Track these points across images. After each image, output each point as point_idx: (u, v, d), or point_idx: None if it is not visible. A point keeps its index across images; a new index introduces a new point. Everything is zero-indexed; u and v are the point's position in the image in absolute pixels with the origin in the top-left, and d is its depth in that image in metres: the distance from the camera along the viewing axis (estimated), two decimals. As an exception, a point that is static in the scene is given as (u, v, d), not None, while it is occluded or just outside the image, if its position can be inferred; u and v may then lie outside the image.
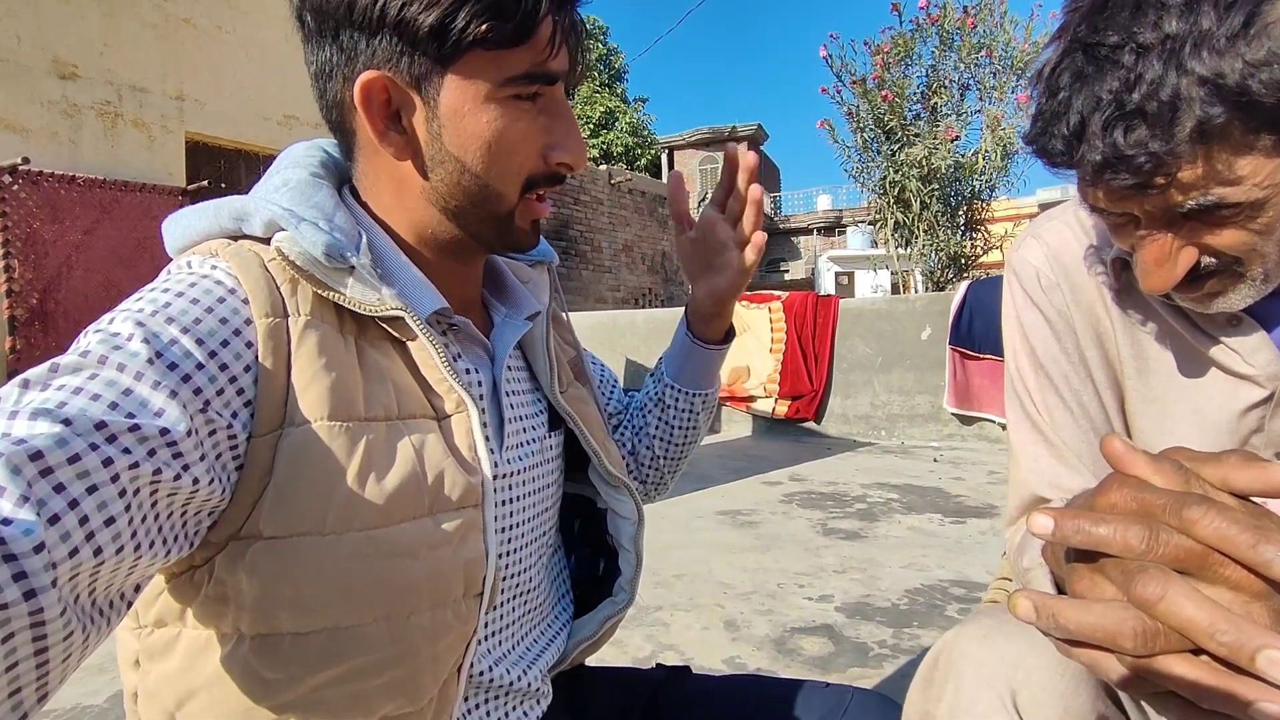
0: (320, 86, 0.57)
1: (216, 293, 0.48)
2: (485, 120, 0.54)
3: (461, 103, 0.53)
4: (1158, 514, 0.36)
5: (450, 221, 0.59)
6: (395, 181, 0.58)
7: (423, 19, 0.50)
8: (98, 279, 5.30)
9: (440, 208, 0.58)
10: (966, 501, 3.56)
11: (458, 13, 0.50)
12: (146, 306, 0.46)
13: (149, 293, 0.48)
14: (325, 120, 0.59)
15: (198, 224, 0.55)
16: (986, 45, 7.03)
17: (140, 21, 5.60)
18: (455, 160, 0.55)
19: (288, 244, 0.51)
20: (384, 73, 0.52)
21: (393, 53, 0.52)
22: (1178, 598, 0.34)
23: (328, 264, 0.51)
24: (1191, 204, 0.52)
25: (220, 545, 0.47)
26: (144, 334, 0.43)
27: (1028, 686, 0.55)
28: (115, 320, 0.45)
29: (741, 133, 27.03)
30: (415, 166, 0.56)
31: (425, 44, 0.51)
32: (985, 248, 7.60)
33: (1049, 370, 0.73)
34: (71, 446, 0.36)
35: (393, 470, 0.51)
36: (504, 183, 0.57)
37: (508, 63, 0.53)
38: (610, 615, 0.73)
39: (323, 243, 0.51)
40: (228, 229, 0.54)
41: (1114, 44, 0.50)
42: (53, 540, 0.34)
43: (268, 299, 0.49)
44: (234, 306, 0.48)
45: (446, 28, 0.50)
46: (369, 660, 0.50)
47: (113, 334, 0.43)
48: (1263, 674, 0.31)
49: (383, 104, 0.54)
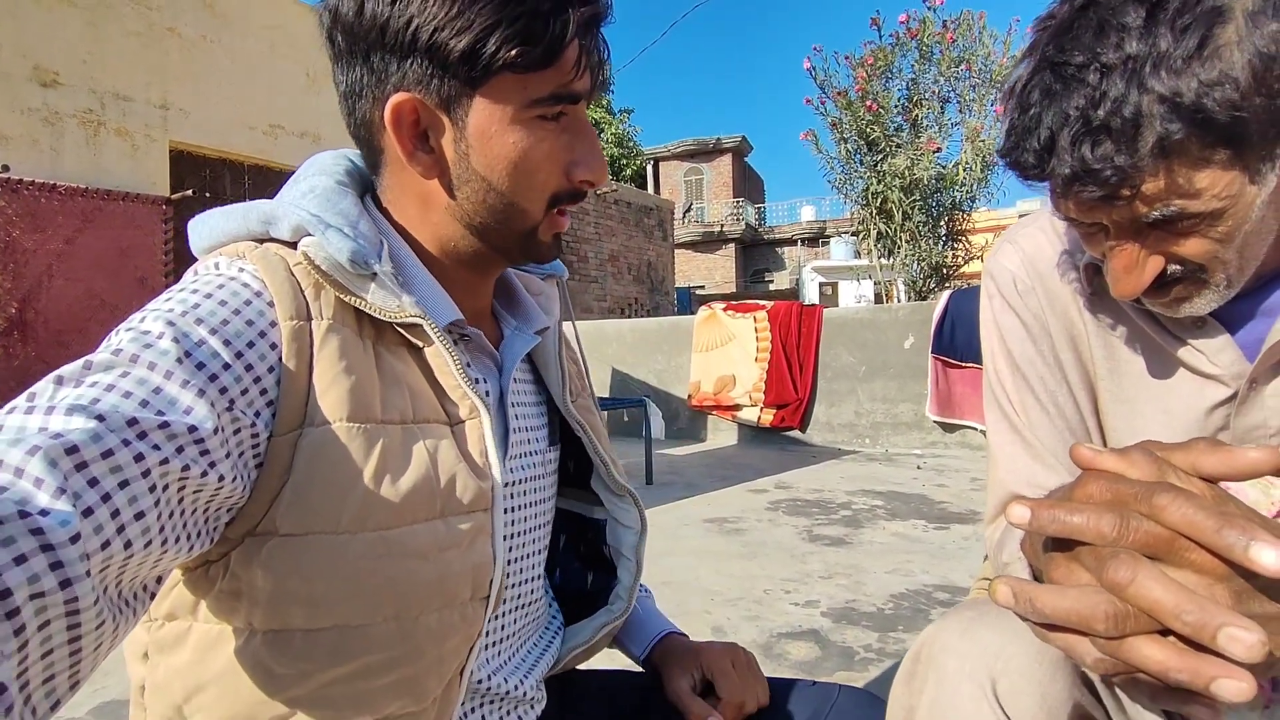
0: (349, 105, 0.58)
1: (244, 295, 0.49)
2: (511, 141, 0.55)
3: (489, 124, 0.54)
4: (1129, 502, 0.39)
5: (474, 236, 0.60)
6: (421, 198, 0.59)
7: (454, 44, 0.51)
8: (79, 288, 5.24)
9: (465, 224, 0.59)
10: (950, 508, 3.60)
11: (489, 38, 0.51)
12: (176, 306, 0.47)
13: (178, 293, 0.49)
14: (353, 137, 0.61)
15: (226, 225, 0.56)
16: (965, 59, 7.16)
17: (124, 30, 5.57)
18: (482, 179, 0.56)
19: (314, 249, 0.52)
20: (414, 94, 0.53)
21: (423, 75, 0.53)
22: (1146, 581, 0.36)
23: (351, 270, 0.53)
24: (1155, 214, 0.55)
25: (237, 541, 0.49)
26: (174, 333, 0.45)
27: (1006, 675, 0.57)
28: (146, 319, 0.46)
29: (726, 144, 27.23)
30: (442, 185, 0.57)
31: (456, 68, 0.52)
32: (966, 258, 7.70)
33: (1025, 372, 0.75)
34: (105, 442, 0.37)
35: (407, 473, 0.52)
36: (529, 200, 0.58)
37: (534, 85, 0.54)
38: (606, 623, 0.74)
39: (349, 249, 0.52)
40: (255, 232, 0.55)
41: (1080, 63, 0.53)
42: (87, 532, 0.35)
43: (292, 302, 0.51)
44: (260, 309, 0.49)
45: (477, 52, 0.51)
46: (377, 659, 0.51)
47: (144, 332, 0.44)
48: (1223, 650, 0.33)
49: (412, 124, 0.55)
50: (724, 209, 27.16)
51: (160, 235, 5.65)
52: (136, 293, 5.51)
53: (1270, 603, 0.36)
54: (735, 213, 26.96)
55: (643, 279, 13.16)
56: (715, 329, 6.14)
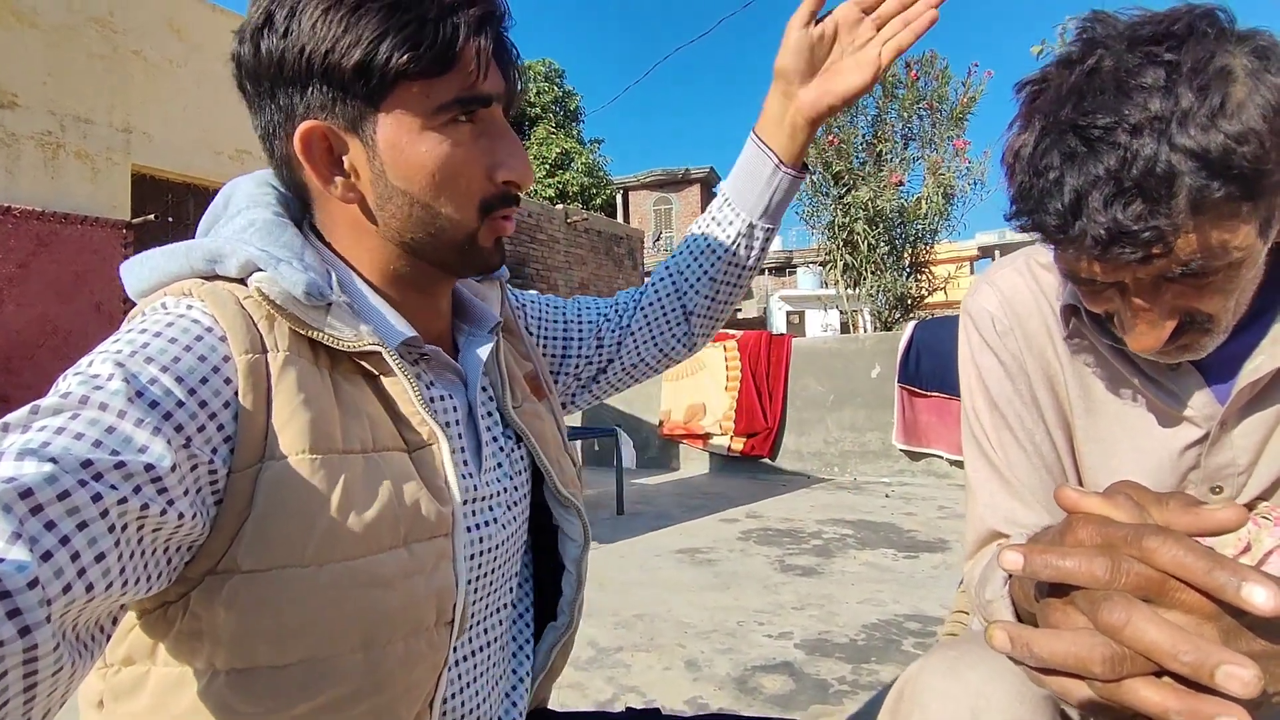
0: (269, 147, 0.58)
1: (194, 331, 0.48)
2: (424, 150, 0.55)
3: (398, 136, 0.54)
4: (1119, 545, 0.40)
5: (411, 256, 0.59)
6: (351, 225, 0.59)
7: (346, 61, 0.52)
8: (33, 313, 5.08)
9: (398, 244, 0.59)
10: (918, 536, 3.63)
11: (378, 49, 0.51)
12: (125, 347, 0.46)
13: (125, 334, 0.48)
14: (279, 180, 0.61)
15: (168, 265, 0.55)
16: (927, 98, 7.39)
17: (87, 52, 5.49)
18: (403, 194, 0.56)
19: (267, 284, 0.52)
20: (320, 121, 0.54)
21: (325, 100, 0.54)
22: (1141, 622, 0.37)
23: (306, 302, 0.52)
24: (1180, 270, 0.55)
25: (196, 580, 0.47)
26: (124, 374, 0.44)
27: (988, 714, 0.57)
28: (94, 362, 0.45)
29: (694, 174, 27.61)
30: (365, 207, 0.57)
31: (353, 85, 0.52)
32: (930, 289, 7.88)
33: (1004, 411, 0.77)
34: (60, 484, 0.36)
35: (370, 502, 0.51)
36: (456, 208, 0.57)
37: (436, 91, 0.54)
38: (554, 642, 0.73)
39: (303, 281, 0.52)
40: (200, 270, 0.54)
41: (1106, 125, 0.53)
42: (47, 576, 0.34)
43: (246, 336, 0.50)
44: (212, 344, 0.48)
45: (370, 64, 0.52)
46: (346, 691, 0.50)
47: (92, 375, 0.43)
48: (1221, 687, 0.34)
49: (324, 151, 0.55)
50: (692, 238, 27.37)
51: (119, 260, 5.52)
52: (92, 319, 5.36)
53: (1257, 640, 0.37)
54: (704, 242, 27.18)
55: (612, 307, 13.19)
56: (685, 357, 6.16)
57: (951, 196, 7.44)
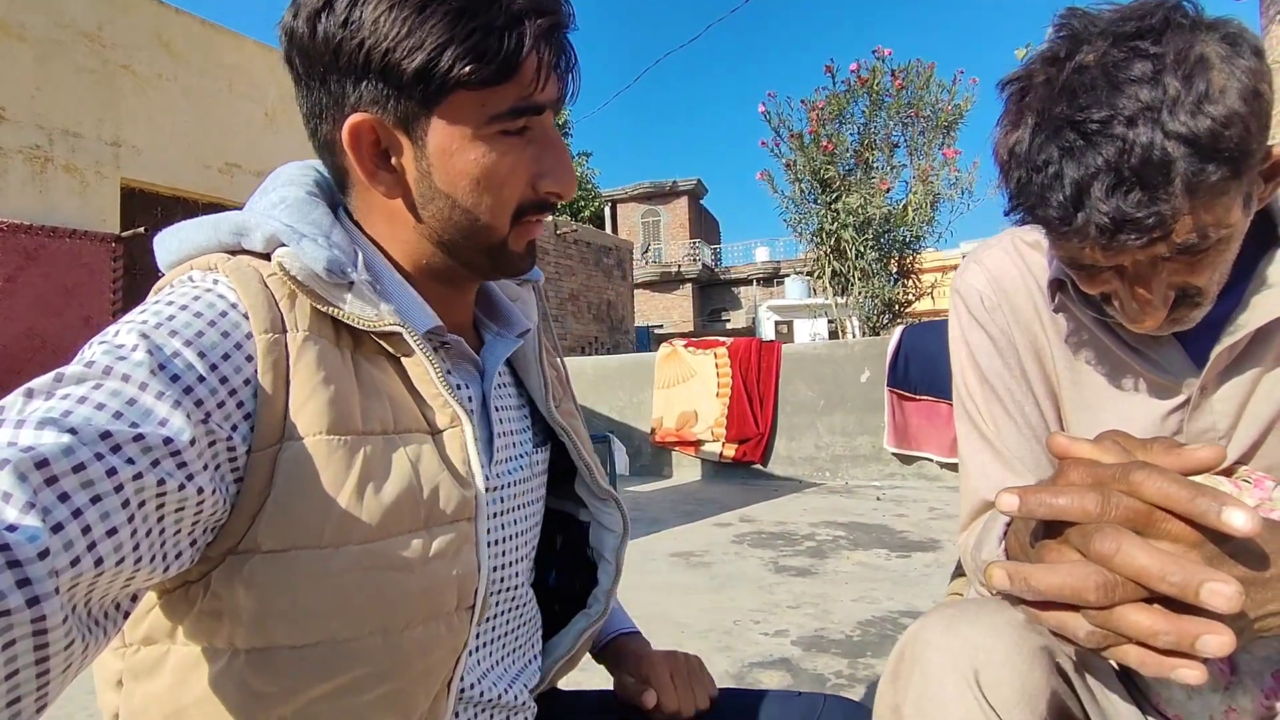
0: (312, 127, 0.58)
1: (219, 306, 0.49)
2: (473, 158, 0.54)
3: (449, 142, 0.54)
4: (1108, 482, 0.43)
5: (443, 253, 0.60)
6: (388, 215, 0.59)
7: (407, 63, 0.51)
8: (19, 327, 5.04)
9: (433, 241, 0.59)
10: (910, 536, 3.66)
11: (441, 56, 0.50)
12: (150, 319, 0.47)
13: (152, 305, 0.49)
14: (319, 157, 0.61)
15: (196, 237, 0.55)
16: (914, 105, 7.49)
17: (76, 67, 5.48)
18: (445, 197, 0.56)
19: (289, 259, 0.52)
20: (371, 115, 0.53)
21: (379, 96, 0.53)
22: (1131, 549, 0.40)
23: (328, 279, 0.52)
24: (1177, 249, 0.58)
25: (218, 560, 0.48)
26: (148, 345, 0.44)
27: (988, 667, 0.60)
28: (120, 332, 0.45)
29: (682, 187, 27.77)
30: (406, 204, 0.57)
31: (410, 87, 0.52)
32: (916, 295, 7.96)
33: (994, 385, 0.80)
34: (77, 455, 0.37)
35: (389, 484, 0.51)
36: (495, 215, 0.57)
37: (493, 100, 0.53)
38: (585, 628, 0.74)
39: (324, 258, 0.52)
40: (226, 243, 0.54)
41: (1102, 118, 0.55)
42: (56, 548, 0.34)
43: (267, 315, 0.50)
44: (235, 321, 0.49)
45: (431, 71, 0.51)
46: (363, 673, 0.50)
47: (117, 345, 0.44)
48: (1206, 603, 0.38)
49: (371, 145, 0.55)
50: (681, 250, 27.57)
51: (109, 274, 5.49)
52: (81, 333, 5.32)
53: (1238, 566, 0.41)
54: (692, 253, 27.39)
55: (602, 318, 13.22)
56: (676, 365, 6.19)
57: (938, 204, 7.53)
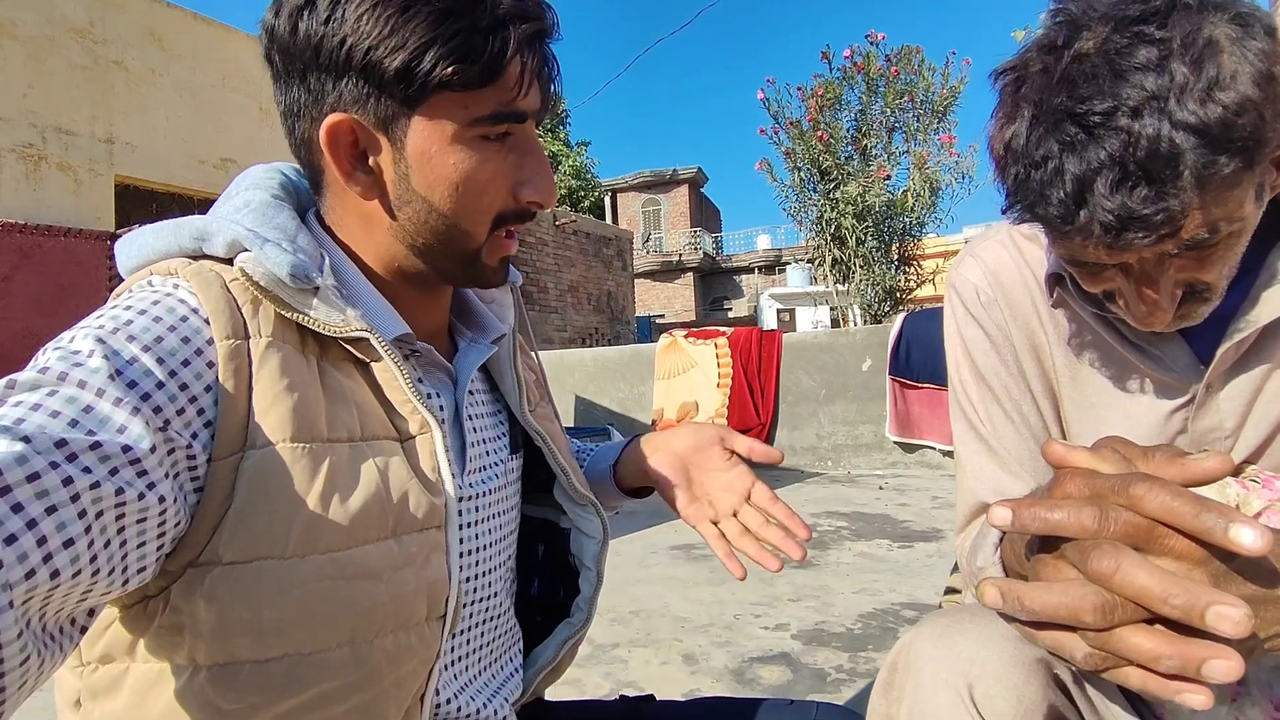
0: (289, 125, 0.57)
1: (179, 311, 0.48)
2: (452, 162, 0.54)
3: (428, 144, 0.53)
4: (1107, 495, 0.40)
5: (417, 257, 0.58)
6: (363, 217, 0.57)
7: (388, 62, 0.50)
8: (15, 327, 5.04)
9: (407, 245, 0.58)
10: (913, 527, 3.64)
11: (424, 55, 0.50)
12: (107, 324, 0.45)
13: (110, 310, 0.47)
14: (294, 156, 0.60)
15: (156, 243, 0.54)
16: (909, 91, 7.41)
17: (68, 64, 5.45)
18: (423, 200, 0.55)
19: (251, 264, 0.50)
20: (350, 115, 0.52)
21: (359, 95, 0.52)
22: (1131, 568, 0.37)
23: (292, 285, 0.51)
24: (1184, 246, 0.54)
25: (178, 573, 0.46)
26: (104, 350, 0.43)
27: (983, 680, 0.57)
28: (75, 338, 0.44)
29: (682, 175, 27.67)
30: (382, 205, 0.56)
31: (391, 86, 0.51)
32: (918, 282, 7.91)
33: (990, 382, 0.77)
34: (31, 465, 0.35)
35: (356, 491, 0.50)
36: (472, 222, 0.56)
37: (475, 103, 0.52)
38: (568, 637, 0.72)
39: (288, 263, 0.51)
40: (187, 249, 0.53)
41: (1105, 110, 0.51)
42: (10, 560, 0.33)
43: (229, 320, 0.49)
44: (195, 326, 0.47)
45: (412, 71, 0.50)
46: (332, 686, 0.49)
47: (72, 351, 0.43)
48: (1212, 628, 0.34)
49: (349, 145, 0.54)
50: (682, 239, 27.51)
51: (104, 272, 5.48)
52: (78, 331, 5.31)
53: (1246, 584, 0.37)
54: (693, 242, 27.33)
55: (603, 309, 13.19)
56: (677, 356, 6.17)
57: (938, 190, 7.47)
